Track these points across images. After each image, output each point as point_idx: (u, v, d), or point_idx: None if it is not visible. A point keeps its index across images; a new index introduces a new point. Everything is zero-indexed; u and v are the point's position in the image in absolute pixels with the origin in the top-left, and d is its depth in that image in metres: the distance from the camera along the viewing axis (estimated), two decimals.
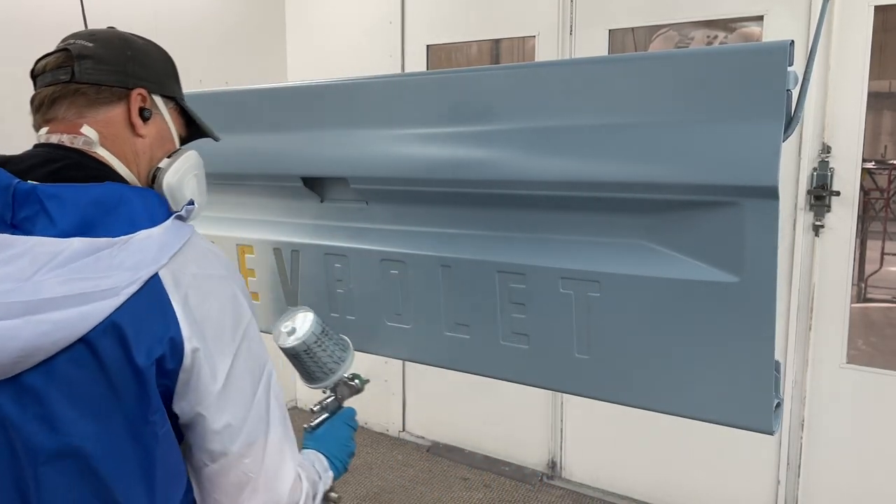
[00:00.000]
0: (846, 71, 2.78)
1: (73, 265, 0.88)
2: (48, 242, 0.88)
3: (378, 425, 4.37)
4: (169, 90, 1.13)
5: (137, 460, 0.93)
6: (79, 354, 0.88)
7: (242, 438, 0.99)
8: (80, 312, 0.86)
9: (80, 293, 0.86)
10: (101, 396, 0.90)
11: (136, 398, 0.91)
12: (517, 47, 3.92)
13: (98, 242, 0.90)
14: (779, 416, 1.16)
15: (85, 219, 0.91)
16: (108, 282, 0.88)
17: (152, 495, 0.95)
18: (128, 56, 1.08)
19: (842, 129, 2.83)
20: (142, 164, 1.08)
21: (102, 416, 0.90)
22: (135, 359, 0.89)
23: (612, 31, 3.31)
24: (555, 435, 3.71)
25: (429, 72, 2.03)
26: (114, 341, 0.89)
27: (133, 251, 0.91)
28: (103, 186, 0.95)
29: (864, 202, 5.40)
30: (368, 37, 4.06)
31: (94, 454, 0.90)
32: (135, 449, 0.93)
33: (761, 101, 1.06)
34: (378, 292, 1.50)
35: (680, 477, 3.36)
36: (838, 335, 2.94)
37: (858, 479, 2.97)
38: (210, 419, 0.97)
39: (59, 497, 0.91)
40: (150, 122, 1.08)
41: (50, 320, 0.86)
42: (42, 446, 0.89)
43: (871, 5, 2.70)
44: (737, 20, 3.12)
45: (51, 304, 0.86)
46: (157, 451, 0.95)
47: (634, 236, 1.23)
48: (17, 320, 0.85)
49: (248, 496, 1.01)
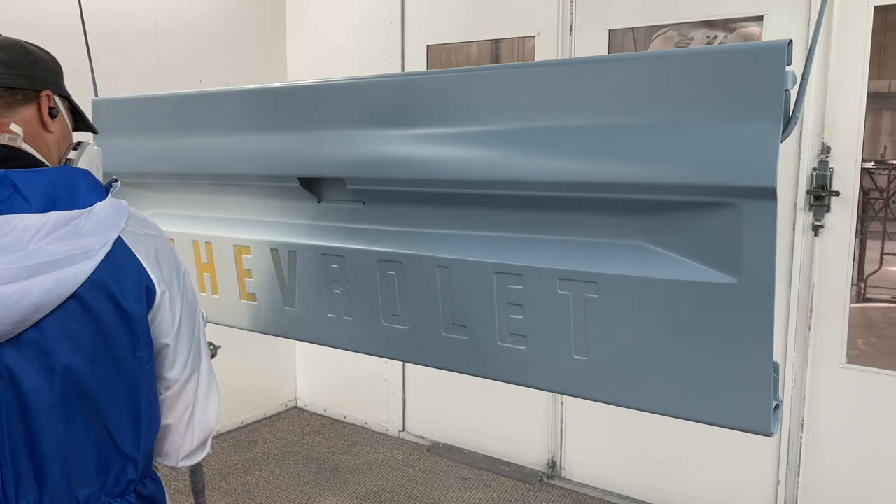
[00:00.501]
0: (846, 71, 2.78)
1: (56, 234, 1.04)
2: (32, 217, 1.04)
3: (378, 425, 4.37)
4: (64, 90, 1.28)
5: (126, 393, 1.14)
6: (72, 309, 1.06)
7: (189, 367, 1.23)
8: (72, 271, 1.04)
9: (68, 255, 1.04)
10: (94, 341, 1.09)
11: (126, 339, 1.12)
12: (517, 47, 3.92)
13: (69, 214, 1.07)
14: (777, 418, 1.15)
15: (50, 196, 1.07)
16: (85, 245, 1.06)
17: (137, 425, 1.16)
18: (31, 61, 1.20)
19: (841, 129, 2.82)
20: (53, 156, 1.22)
21: (97, 357, 1.10)
22: (124, 307, 1.10)
23: (612, 31, 3.31)
24: (555, 435, 3.71)
25: (428, 72, 2.03)
26: (101, 294, 1.08)
27: (96, 220, 1.09)
28: (56, 169, 1.13)
29: (863, 202, 5.40)
30: (368, 37, 4.05)
31: (92, 392, 1.10)
32: (125, 382, 1.13)
33: (759, 101, 1.05)
34: (375, 293, 1.49)
35: (680, 477, 3.36)
36: (838, 335, 2.94)
37: (858, 479, 2.96)
38: (171, 348, 1.20)
39: (62, 435, 1.08)
40: (56, 120, 1.22)
41: (52, 279, 1.02)
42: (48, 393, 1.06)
43: (870, 5, 2.70)
44: (736, 20, 3.12)
45: (50, 265, 1.02)
46: (142, 382, 1.16)
47: (632, 237, 1.22)
48: (27, 281, 1.01)
49: (189, 417, 1.25)
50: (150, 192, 1.88)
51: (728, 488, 3.24)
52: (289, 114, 1.56)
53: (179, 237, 1.81)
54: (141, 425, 1.17)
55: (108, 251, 1.08)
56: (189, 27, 3.90)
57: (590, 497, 3.55)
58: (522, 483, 3.69)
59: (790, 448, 3.09)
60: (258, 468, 3.90)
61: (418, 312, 1.45)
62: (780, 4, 2.88)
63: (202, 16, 3.98)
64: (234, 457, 4.03)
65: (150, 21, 3.70)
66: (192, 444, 1.27)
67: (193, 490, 1.39)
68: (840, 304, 2.91)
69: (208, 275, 1.77)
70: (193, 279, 1.80)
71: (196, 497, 1.32)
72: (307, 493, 3.62)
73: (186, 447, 1.26)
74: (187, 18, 3.90)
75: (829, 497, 3.04)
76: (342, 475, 3.82)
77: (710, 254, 1.13)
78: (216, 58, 4.03)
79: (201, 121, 1.72)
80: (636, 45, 3.42)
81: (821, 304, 2.95)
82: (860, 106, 2.77)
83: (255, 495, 3.61)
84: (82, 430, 1.11)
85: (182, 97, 1.80)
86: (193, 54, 3.92)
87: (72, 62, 2.74)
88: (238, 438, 4.28)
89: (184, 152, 1.74)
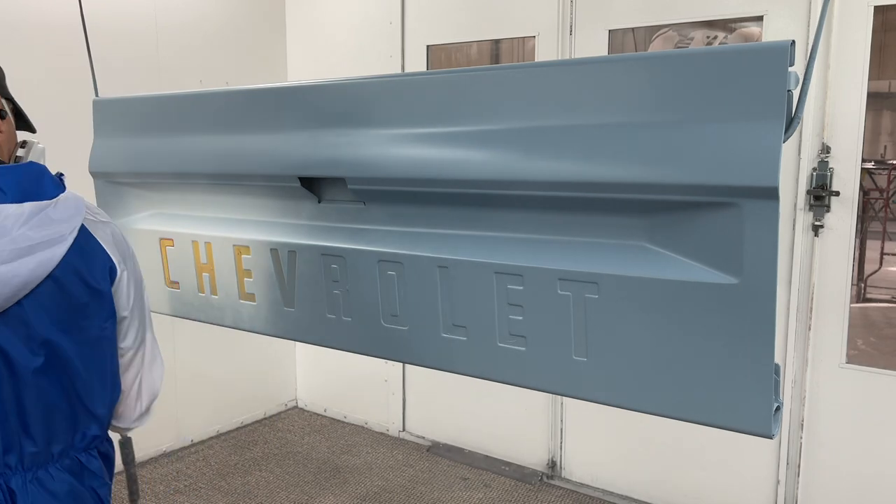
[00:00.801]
0: (846, 71, 2.77)
1: (32, 221, 1.19)
2: (11, 207, 1.18)
3: (378, 425, 4.37)
4: (7, 93, 1.39)
5: (95, 359, 1.31)
6: (49, 287, 1.22)
7: (140, 336, 1.43)
8: (49, 254, 1.20)
9: (45, 240, 1.19)
10: (68, 314, 1.25)
11: (94, 312, 1.29)
12: (517, 47, 3.92)
13: (41, 204, 1.21)
14: (778, 420, 1.15)
15: (23, 188, 1.21)
16: (57, 230, 1.21)
17: (104, 387, 1.34)
18: None
19: (841, 129, 2.82)
20: (4, 155, 1.33)
21: (71, 329, 1.26)
22: (92, 284, 1.28)
23: (612, 31, 3.31)
24: (555, 435, 3.71)
25: (428, 72, 2.02)
26: (72, 274, 1.25)
27: (62, 209, 1.24)
28: (25, 165, 1.27)
29: (863, 202, 5.40)
30: (368, 37, 4.05)
31: (67, 358, 1.26)
32: (93, 350, 1.31)
33: (762, 102, 1.05)
34: (375, 293, 1.49)
35: (680, 477, 3.36)
36: (838, 335, 2.94)
37: (858, 479, 2.96)
38: (126, 321, 1.38)
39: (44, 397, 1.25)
40: (5, 121, 1.34)
41: (35, 261, 1.18)
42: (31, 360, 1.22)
43: (870, 5, 2.70)
44: (737, 20, 3.12)
45: (33, 249, 1.18)
46: (108, 350, 1.35)
47: (633, 237, 1.22)
48: (16, 262, 1.16)
49: (139, 383, 1.45)
50: (151, 192, 1.88)
51: (728, 488, 3.24)
52: (289, 114, 1.55)
53: (179, 237, 1.80)
54: (106, 387, 1.35)
55: (76, 236, 1.25)
56: (189, 27, 3.90)
57: (590, 497, 3.55)
58: (522, 483, 3.69)
59: (790, 448, 3.08)
60: (258, 468, 3.90)
61: (418, 313, 1.45)
62: (780, 4, 2.87)
63: (202, 16, 3.97)
64: (234, 457, 4.03)
65: (150, 21, 3.69)
66: (142, 407, 1.47)
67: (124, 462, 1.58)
68: (840, 304, 2.91)
69: (207, 275, 1.77)
70: (193, 279, 1.80)
71: (127, 468, 1.50)
72: (307, 493, 3.62)
73: (137, 410, 1.46)
74: (187, 18, 3.89)
75: (829, 497, 3.04)
76: (342, 475, 3.82)
77: (712, 254, 1.13)
78: (216, 58, 4.02)
79: (201, 121, 1.72)
80: (636, 46, 3.42)
81: (821, 304, 2.94)
82: (860, 106, 2.77)
83: (255, 495, 3.60)
84: (59, 392, 1.27)
85: (182, 97, 1.80)
86: (193, 54, 3.92)
87: (72, 62, 2.74)
88: (238, 438, 4.28)
89: (184, 152, 1.74)
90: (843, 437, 2.98)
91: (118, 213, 1.92)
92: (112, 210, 1.92)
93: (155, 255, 1.85)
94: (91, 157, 1.93)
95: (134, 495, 1.58)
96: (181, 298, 1.85)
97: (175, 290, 1.85)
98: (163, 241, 1.84)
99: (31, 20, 3.16)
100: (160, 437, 3.99)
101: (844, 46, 2.76)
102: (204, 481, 3.74)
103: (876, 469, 2.91)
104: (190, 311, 1.84)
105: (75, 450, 1.32)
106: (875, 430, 2.90)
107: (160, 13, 3.74)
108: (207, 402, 4.23)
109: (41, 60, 3.15)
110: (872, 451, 2.91)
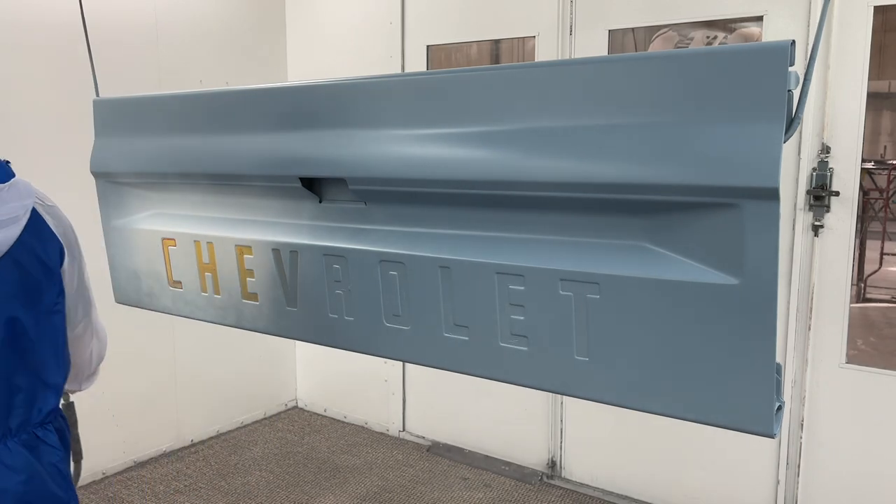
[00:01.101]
0: (846, 71, 2.78)
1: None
2: None
3: (378, 425, 4.37)
4: None
5: (49, 333, 1.40)
6: (7, 263, 1.31)
7: (87, 307, 1.57)
8: (6, 233, 1.29)
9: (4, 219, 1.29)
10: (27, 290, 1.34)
11: (48, 289, 1.38)
12: (517, 47, 3.92)
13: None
14: (779, 420, 1.15)
15: None
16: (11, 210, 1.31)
17: (58, 358, 1.43)
18: None
19: (841, 130, 2.83)
20: None
21: (28, 304, 1.34)
22: (46, 263, 1.37)
23: (612, 31, 3.31)
24: (555, 435, 3.71)
25: (428, 72, 2.03)
26: (28, 253, 1.33)
27: (15, 193, 1.33)
28: None
29: (863, 202, 5.41)
30: (368, 37, 4.05)
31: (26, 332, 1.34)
32: (49, 324, 1.40)
33: (762, 102, 1.05)
34: (377, 293, 1.49)
35: (680, 477, 3.36)
36: (838, 335, 2.94)
37: (858, 479, 2.97)
38: (73, 296, 1.49)
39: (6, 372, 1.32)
40: None
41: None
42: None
43: (870, 5, 2.70)
44: (737, 20, 3.12)
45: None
46: (61, 324, 1.43)
47: (634, 238, 1.22)
48: None
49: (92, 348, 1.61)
50: (152, 192, 1.88)
51: (728, 488, 3.25)
52: (289, 114, 1.55)
53: (181, 237, 1.81)
54: (60, 360, 1.45)
55: (28, 218, 1.33)
56: (189, 27, 3.90)
57: (590, 497, 3.55)
58: (522, 483, 3.69)
59: (790, 448, 3.09)
60: (258, 468, 3.90)
61: (420, 313, 1.45)
62: (780, 4, 2.88)
63: (202, 16, 3.97)
64: (234, 457, 4.03)
65: (150, 21, 3.70)
66: (92, 369, 1.65)
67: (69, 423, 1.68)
68: (840, 304, 2.92)
69: (210, 275, 1.77)
70: (196, 279, 1.80)
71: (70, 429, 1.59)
72: (307, 493, 3.62)
73: (87, 372, 1.64)
74: (187, 18, 3.90)
75: (829, 497, 3.04)
76: (342, 475, 3.82)
77: (713, 254, 1.13)
78: (216, 58, 4.03)
79: (202, 121, 1.72)
80: (636, 46, 3.43)
81: (821, 304, 2.95)
82: (860, 106, 2.78)
83: (255, 495, 3.61)
84: (20, 366, 1.34)
85: (182, 97, 1.80)
86: (193, 54, 3.92)
87: (72, 62, 2.74)
88: (238, 438, 4.28)
89: (184, 152, 1.74)
90: (842, 437, 2.98)
91: (120, 212, 1.92)
92: (114, 210, 1.92)
93: (157, 255, 1.86)
94: (92, 157, 1.93)
95: (77, 455, 1.66)
96: (184, 298, 1.85)
97: (178, 290, 1.86)
98: (165, 241, 1.84)
99: (31, 20, 3.16)
100: (160, 437, 3.99)
101: (844, 46, 2.76)
102: (204, 481, 3.75)
103: (876, 469, 2.92)
104: (193, 311, 1.84)
105: (32, 424, 1.37)
106: (875, 430, 2.90)
107: (160, 13, 3.74)
108: (207, 403, 4.24)
109: (41, 60, 3.15)
110: (872, 451, 2.92)
